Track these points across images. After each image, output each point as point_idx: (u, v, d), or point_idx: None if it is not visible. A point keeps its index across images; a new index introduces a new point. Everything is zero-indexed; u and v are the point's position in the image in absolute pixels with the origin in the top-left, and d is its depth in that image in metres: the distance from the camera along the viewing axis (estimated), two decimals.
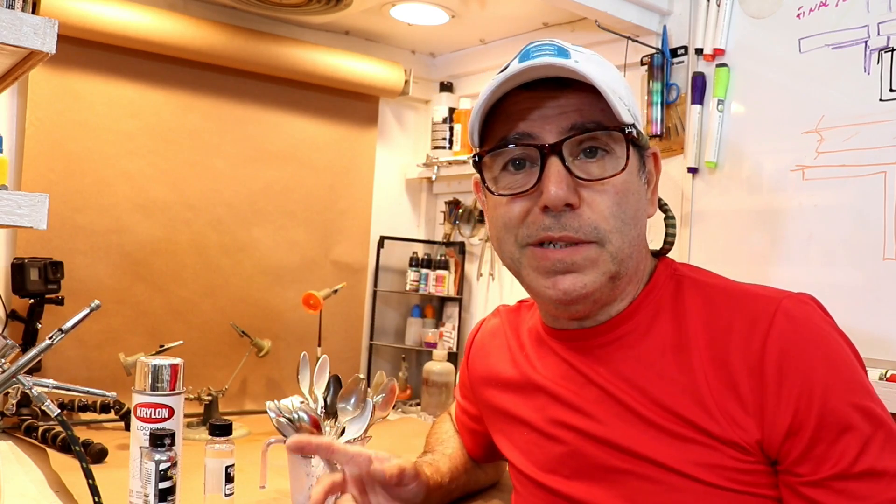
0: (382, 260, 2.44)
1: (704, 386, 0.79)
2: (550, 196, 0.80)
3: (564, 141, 0.81)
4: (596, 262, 0.82)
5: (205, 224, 2.10)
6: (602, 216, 0.81)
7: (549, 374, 0.93)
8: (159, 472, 1.06)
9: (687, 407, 0.79)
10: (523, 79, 0.82)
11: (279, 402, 1.24)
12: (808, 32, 1.57)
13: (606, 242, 0.82)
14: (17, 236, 1.85)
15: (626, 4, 1.77)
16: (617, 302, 0.87)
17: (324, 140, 2.30)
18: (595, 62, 0.84)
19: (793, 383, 0.75)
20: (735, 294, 0.83)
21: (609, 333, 0.87)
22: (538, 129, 0.82)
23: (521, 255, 0.85)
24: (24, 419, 1.67)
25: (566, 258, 0.82)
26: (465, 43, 2.36)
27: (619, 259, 0.83)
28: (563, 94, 0.82)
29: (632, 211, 0.83)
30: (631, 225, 0.83)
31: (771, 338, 0.77)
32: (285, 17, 2.12)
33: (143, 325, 2.00)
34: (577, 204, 0.81)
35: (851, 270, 1.49)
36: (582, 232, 0.81)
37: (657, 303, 0.87)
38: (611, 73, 0.85)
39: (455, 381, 2.16)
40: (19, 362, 1.07)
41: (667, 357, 0.83)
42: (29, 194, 0.87)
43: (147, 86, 2.01)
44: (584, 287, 0.82)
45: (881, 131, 1.45)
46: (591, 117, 0.81)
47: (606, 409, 0.85)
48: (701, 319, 0.82)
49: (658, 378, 0.82)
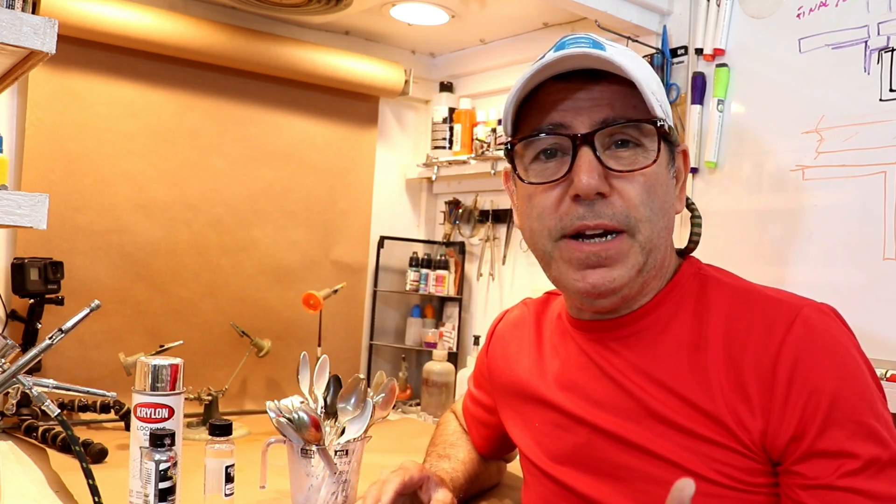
0: (382, 260, 2.44)
1: (716, 384, 0.80)
2: (582, 184, 0.81)
3: (596, 132, 0.82)
4: (626, 256, 0.83)
5: (205, 224, 2.10)
6: (633, 204, 0.82)
7: (568, 364, 0.94)
8: (159, 472, 1.06)
9: (698, 401, 0.80)
10: (559, 68, 0.83)
11: (279, 402, 1.24)
12: (808, 32, 1.57)
13: (637, 232, 0.83)
14: (17, 236, 1.85)
15: (626, 4, 1.77)
16: (642, 296, 0.88)
17: (324, 140, 2.30)
18: (629, 57, 0.85)
19: (801, 389, 0.76)
20: (758, 297, 0.84)
21: (629, 326, 0.88)
22: (570, 120, 0.83)
23: (553, 248, 0.86)
24: (24, 419, 1.67)
25: (601, 252, 0.82)
26: (465, 43, 2.36)
27: (647, 250, 0.84)
28: (597, 87, 0.83)
29: (660, 202, 0.84)
30: (660, 215, 0.84)
31: (787, 343, 0.77)
32: (285, 17, 2.12)
33: (143, 325, 2.00)
34: (609, 193, 0.82)
35: (851, 270, 1.49)
36: (616, 219, 0.82)
37: (679, 299, 0.88)
38: (644, 69, 0.86)
39: (455, 380, 2.16)
40: (19, 362, 1.07)
41: (682, 353, 0.83)
42: (29, 194, 0.87)
43: (147, 86, 2.01)
44: (613, 282, 0.83)
45: (881, 131, 1.45)
46: (622, 111, 0.82)
47: (618, 402, 0.86)
48: (721, 319, 0.83)
49: (672, 372, 0.83)
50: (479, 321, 2.36)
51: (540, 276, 2.10)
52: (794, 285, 0.86)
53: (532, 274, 2.20)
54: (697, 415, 0.80)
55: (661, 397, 0.83)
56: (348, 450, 1.23)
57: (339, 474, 1.21)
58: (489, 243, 2.33)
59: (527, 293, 2.25)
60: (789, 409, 0.76)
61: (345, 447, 1.23)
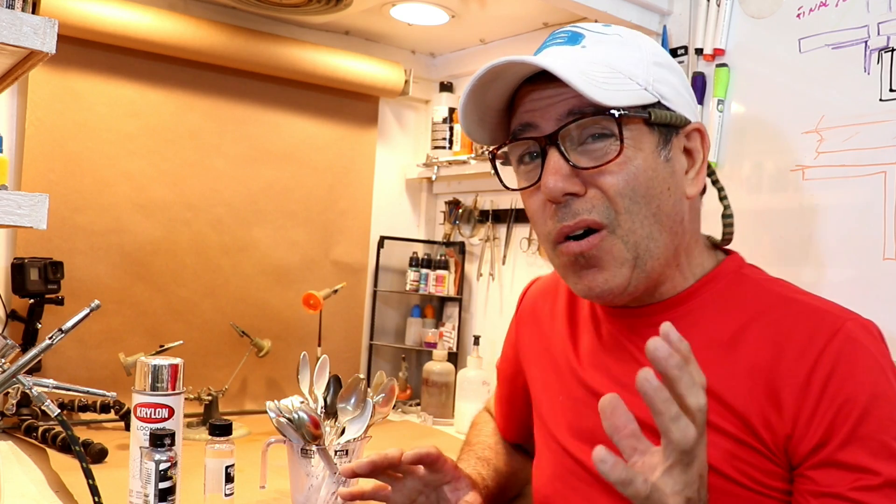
0: (382, 260, 2.44)
1: (745, 383, 0.79)
2: (548, 188, 0.80)
3: (560, 130, 0.81)
4: (611, 255, 0.81)
5: (205, 224, 2.10)
6: (610, 196, 0.80)
7: (598, 344, 0.93)
8: (159, 472, 1.06)
9: (726, 397, 0.79)
10: (512, 74, 0.83)
11: (279, 402, 1.24)
12: (808, 32, 1.57)
13: (616, 226, 0.81)
14: (17, 236, 1.85)
15: (626, 4, 1.77)
16: (665, 286, 0.87)
17: (324, 140, 2.30)
18: (608, 43, 0.84)
19: (833, 400, 0.75)
20: (801, 305, 0.83)
21: (661, 314, 0.87)
22: (538, 119, 0.83)
23: (554, 255, 0.86)
24: (24, 419, 1.67)
25: (584, 251, 0.81)
26: (465, 43, 2.36)
27: (632, 242, 0.81)
28: (560, 82, 0.80)
29: (642, 190, 0.81)
30: (642, 204, 0.81)
31: (826, 353, 0.77)
32: (285, 17, 2.12)
33: (143, 325, 2.00)
34: (582, 191, 0.81)
35: (851, 270, 1.49)
36: (595, 213, 0.81)
37: (715, 294, 0.86)
38: (622, 50, 0.84)
39: (455, 380, 2.16)
40: (19, 362, 1.07)
41: (714, 348, 0.82)
42: (29, 194, 0.87)
43: (147, 86, 2.01)
44: (606, 282, 0.82)
45: (881, 131, 1.45)
46: (589, 101, 0.79)
47: None
48: (760, 323, 0.82)
49: (702, 361, 0.82)
50: (479, 321, 2.36)
51: (540, 275, 2.07)
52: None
53: (532, 274, 2.19)
54: (724, 411, 0.79)
55: None
56: (348, 450, 1.23)
57: (339, 474, 1.21)
58: (489, 243, 2.33)
59: None
60: (818, 418, 0.75)
61: (345, 447, 1.23)
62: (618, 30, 0.88)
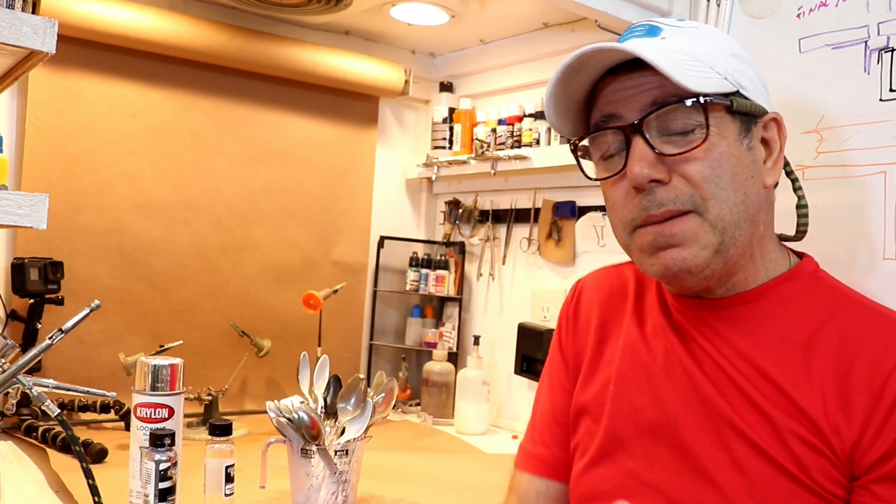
0: (382, 260, 2.44)
1: (818, 386, 0.79)
2: (634, 175, 0.81)
3: (644, 118, 0.81)
4: (696, 235, 0.81)
5: (205, 224, 2.10)
6: (695, 183, 0.81)
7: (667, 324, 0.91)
8: (159, 472, 1.06)
9: (796, 397, 0.79)
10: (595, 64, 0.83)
11: (279, 402, 1.24)
12: (808, 32, 1.57)
13: (704, 210, 0.81)
14: (17, 236, 1.85)
15: (626, 4, 1.77)
16: (737, 276, 0.86)
17: (324, 140, 2.30)
18: (685, 35, 0.85)
19: None
20: (875, 313, 0.83)
21: (732, 308, 0.86)
22: (621, 109, 0.83)
23: (629, 241, 0.86)
24: (24, 419, 1.67)
25: (666, 230, 0.81)
26: (465, 43, 2.36)
27: (720, 228, 0.81)
28: (645, 73, 0.81)
29: (728, 177, 0.81)
30: (729, 191, 0.81)
31: None
32: (285, 17, 2.12)
33: (143, 325, 2.00)
34: (667, 179, 0.81)
35: (851, 270, 1.49)
36: (679, 202, 0.81)
37: (789, 294, 0.86)
38: (703, 42, 0.85)
39: (455, 380, 2.16)
40: (19, 362, 1.07)
41: (787, 347, 0.82)
42: (29, 194, 0.87)
43: (147, 86, 2.01)
44: (685, 261, 0.81)
45: (881, 131, 1.45)
46: (673, 91, 0.80)
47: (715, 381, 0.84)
48: (834, 327, 0.82)
49: (774, 362, 0.82)
50: (479, 321, 2.36)
51: (540, 275, 2.13)
52: None
53: (532, 274, 2.20)
54: (794, 410, 0.79)
55: (759, 384, 0.81)
56: (348, 450, 1.23)
57: (339, 474, 1.21)
58: (489, 243, 2.33)
59: (527, 293, 2.25)
60: (888, 429, 0.75)
61: (345, 447, 1.23)
62: (693, 23, 0.88)
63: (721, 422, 0.82)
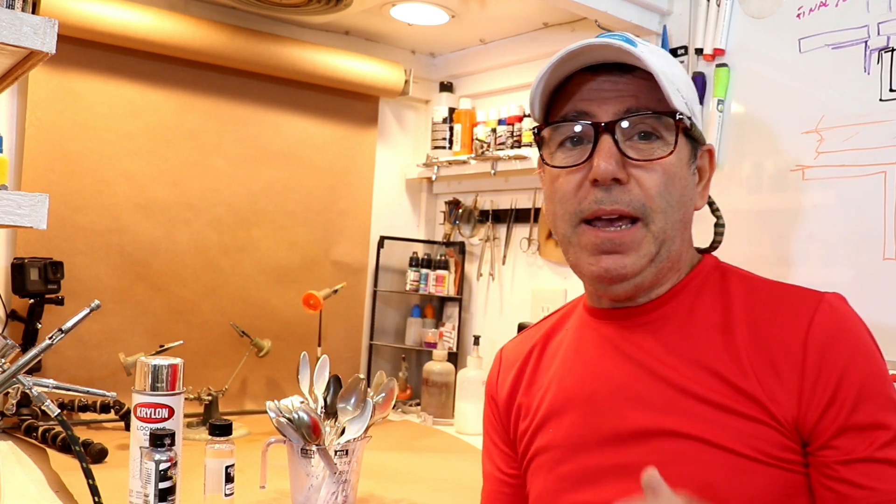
0: (382, 260, 2.44)
1: (747, 362, 0.82)
2: (600, 169, 0.84)
3: (618, 121, 0.85)
4: (640, 244, 0.86)
5: (205, 224, 2.10)
6: (649, 194, 0.85)
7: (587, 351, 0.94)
8: (159, 472, 1.06)
9: (731, 377, 0.82)
10: (585, 59, 0.86)
11: (279, 402, 1.24)
12: (808, 32, 1.57)
13: (651, 221, 0.86)
14: (17, 236, 1.85)
15: (626, 4, 1.77)
16: (658, 287, 0.90)
17: (324, 140, 2.30)
18: (658, 55, 0.88)
19: (833, 367, 0.79)
20: (779, 288, 0.88)
21: (651, 313, 0.90)
22: (595, 109, 0.87)
23: (572, 234, 0.89)
24: (24, 419, 1.67)
25: (615, 238, 0.86)
26: (465, 43, 2.36)
27: (660, 240, 0.86)
28: (623, 79, 0.86)
29: (677, 195, 0.87)
30: (676, 208, 0.87)
31: (815, 324, 0.81)
32: (285, 17, 2.12)
33: (143, 325, 2.00)
34: (626, 180, 0.85)
35: (851, 270, 1.49)
36: (632, 206, 0.85)
37: (699, 287, 0.91)
38: (672, 67, 0.89)
39: (455, 380, 2.16)
40: (19, 362, 1.07)
41: (712, 332, 0.86)
42: (29, 194, 0.87)
43: (147, 86, 2.01)
44: (625, 268, 0.86)
45: (881, 131, 1.45)
46: (646, 103, 0.85)
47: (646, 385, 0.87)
48: (744, 307, 0.86)
49: (703, 349, 0.86)
50: (479, 321, 2.36)
51: (540, 275, 2.12)
52: None
53: (532, 274, 2.20)
54: (731, 391, 0.82)
55: (693, 374, 0.84)
56: (348, 450, 1.23)
57: (339, 474, 1.21)
58: (489, 243, 2.33)
59: (527, 293, 2.26)
60: (821, 387, 0.79)
61: (345, 447, 1.23)
62: (653, 46, 0.92)
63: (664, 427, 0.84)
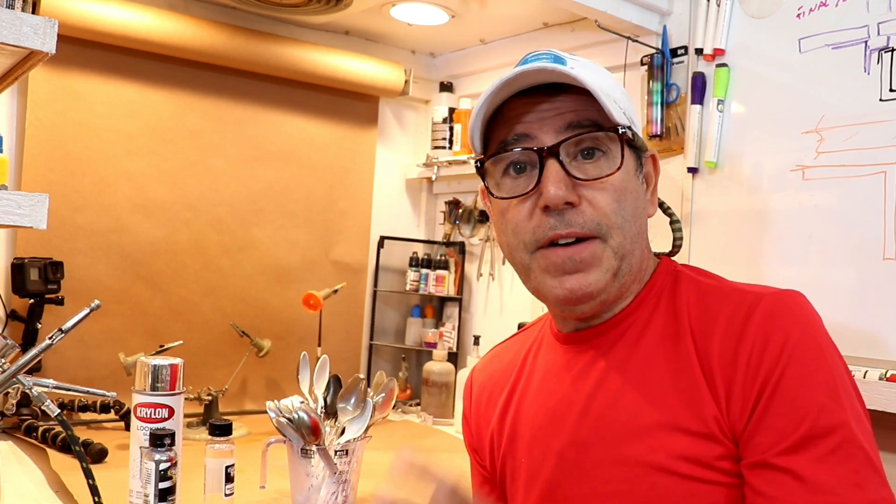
0: (382, 260, 2.44)
1: (693, 373, 0.81)
2: (550, 195, 0.82)
3: (561, 143, 0.83)
4: (600, 260, 0.84)
5: (205, 224, 2.10)
6: (603, 213, 0.83)
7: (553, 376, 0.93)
8: (159, 472, 1.06)
9: (680, 389, 0.81)
10: (519, 84, 0.84)
11: (279, 402, 1.24)
12: (808, 32, 1.57)
13: (609, 238, 0.84)
14: (17, 236, 1.85)
15: (626, 4, 1.77)
16: (622, 300, 0.89)
17: (324, 140, 2.30)
18: (590, 69, 0.87)
19: (757, 370, 0.77)
20: (725, 291, 0.85)
21: (612, 331, 0.89)
22: (536, 131, 0.84)
23: (530, 260, 0.87)
24: (24, 419, 1.67)
25: (574, 255, 0.84)
26: (465, 43, 2.36)
27: (620, 255, 0.85)
28: (559, 98, 0.84)
29: (631, 209, 0.85)
30: (631, 222, 0.85)
31: (748, 328, 0.79)
32: (285, 17, 2.12)
33: (143, 325, 2.00)
34: (578, 202, 0.83)
35: (851, 270, 1.49)
36: (587, 227, 0.83)
37: (656, 298, 0.89)
38: (605, 79, 0.88)
39: (455, 380, 2.16)
40: (19, 362, 1.07)
41: (660, 348, 0.85)
42: (29, 194, 0.87)
43: (147, 86, 2.01)
44: (589, 286, 0.84)
45: (881, 131, 1.45)
46: (586, 117, 0.83)
47: (603, 407, 0.86)
48: (692, 314, 0.85)
49: (651, 367, 0.84)
50: (479, 321, 2.36)
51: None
52: (795, 285, 0.86)
53: None
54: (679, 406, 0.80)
55: (643, 394, 0.83)
56: (348, 450, 1.23)
57: (339, 474, 1.21)
58: (489, 243, 2.33)
59: (526, 293, 2.24)
60: (748, 386, 0.77)
61: (345, 447, 1.23)
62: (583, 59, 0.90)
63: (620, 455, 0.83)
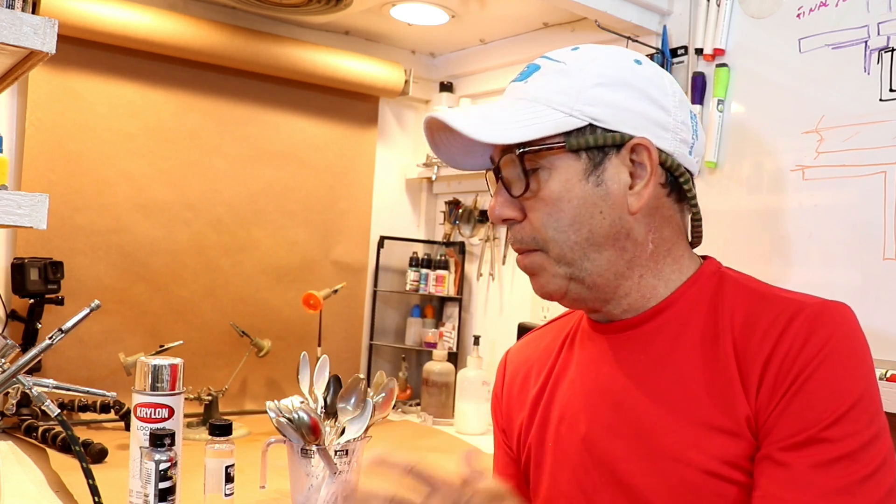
0: (382, 260, 2.44)
1: (733, 374, 0.81)
2: (491, 214, 0.88)
3: (499, 162, 0.87)
4: (544, 267, 0.87)
5: (205, 224, 2.10)
6: (535, 227, 0.86)
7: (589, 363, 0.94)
8: (159, 472, 1.06)
9: (718, 391, 0.81)
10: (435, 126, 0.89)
11: (279, 402, 1.24)
12: (808, 32, 1.57)
13: (548, 250, 0.86)
14: (17, 236, 1.85)
15: (626, 4, 1.77)
16: (630, 297, 0.88)
17: (324, 140, 2.30)
18: (550, 72, 0.87)
19: (791, 367, 0.78)
20: (770, 296, 0.85)
21: (648, 323, 0.89)
22: (493, 153, 0.89)
23: None
24: (24, 419, 1.67)
25: (523, 263, 0.89)
26: (465, 43, 2.36)
27: (566, 262, 0.86)
28: None
29: (567, 219, 0.84)
30: (569, 232, 0.84)
31: (788, 331, 0.79)
32: (285, 17, 2.12)
33: (143, 325, 2.00)
34: (520, 217, 0.87)
35: (851, 270, 1.49)
36: (524, 243, 0.87)
37: (697, 296, 0.88)
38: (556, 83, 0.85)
39: (455, 380, 2.16)
40: (19, 362, 1.07)
41: (699, 347, 0.85)
42: (29, 194, 0.87)
43: (147, 86, 2.01)
44: (543, 288, 0.88)
45: (881, 131, 1.45)
46: None
47: (635, 400, 0.86)
48: (735, 317, 0.84)
49: (690, 366, 0.84)
50: (479, 321, 2.36)
51: None
52: (795, 285, 0.86)
53: None
54: (714, 408, 0.81)
55: (678, 389, 0.83)
56: (348, 450, 1.23)
57: (339, 474, 1.21)
58: (489, 243, 2.33)
59: (527, 293, 2.25)
60: (775, 388, 0.78)
61: (345, 447, 1.23)
62: (572, 56, 0.88)
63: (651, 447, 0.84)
